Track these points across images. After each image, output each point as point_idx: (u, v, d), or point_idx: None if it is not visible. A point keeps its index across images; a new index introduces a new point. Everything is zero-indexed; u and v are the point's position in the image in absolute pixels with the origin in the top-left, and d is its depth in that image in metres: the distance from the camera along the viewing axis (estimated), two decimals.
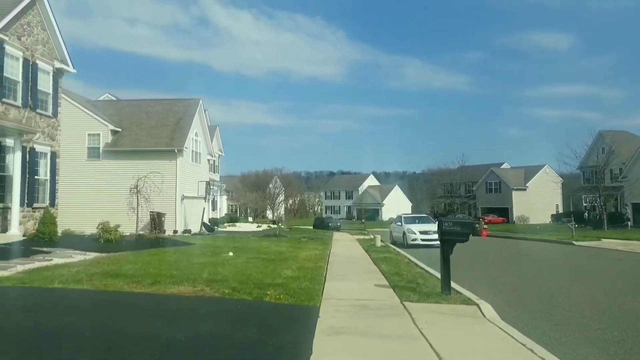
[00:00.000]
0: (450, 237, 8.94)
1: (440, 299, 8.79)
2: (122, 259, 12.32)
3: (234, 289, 8.52)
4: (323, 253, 16.79)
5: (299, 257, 14.86)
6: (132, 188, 20.15)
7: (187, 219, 30.10)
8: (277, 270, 11.37)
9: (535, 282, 12.24)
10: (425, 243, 22.89)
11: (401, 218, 25.78)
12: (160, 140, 29.18)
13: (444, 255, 9.08)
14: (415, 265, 14.19)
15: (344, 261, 14.87)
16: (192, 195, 30.12)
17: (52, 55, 18.47)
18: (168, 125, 30.20)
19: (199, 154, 32.79)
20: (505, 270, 15.39)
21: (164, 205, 28.26)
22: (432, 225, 24.10)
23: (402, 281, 10.79)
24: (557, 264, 17.87)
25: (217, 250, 15.70)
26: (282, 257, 14.78)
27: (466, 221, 9.14)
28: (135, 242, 16.72)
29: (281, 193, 61.26)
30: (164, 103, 32.38)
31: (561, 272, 15.31)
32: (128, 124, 30.37)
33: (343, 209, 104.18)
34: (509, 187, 73.36)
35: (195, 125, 31.76)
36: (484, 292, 10.19)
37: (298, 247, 19.04)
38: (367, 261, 15.09)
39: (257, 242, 20.64)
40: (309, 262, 13.69)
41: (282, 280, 9.80)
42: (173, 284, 8.75)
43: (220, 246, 17.76)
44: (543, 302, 9.55)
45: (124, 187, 27.24)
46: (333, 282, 10.37)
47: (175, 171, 28.58)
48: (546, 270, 15.80)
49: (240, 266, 11.86)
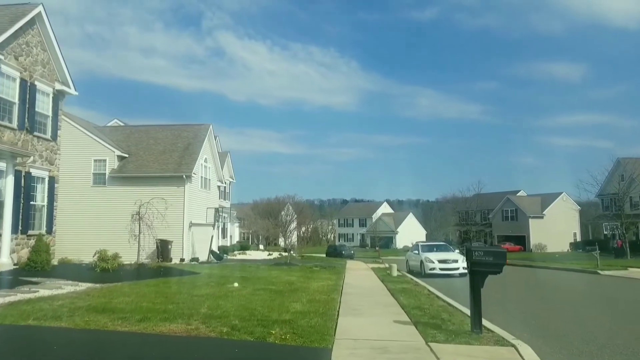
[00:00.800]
0: (482, 268, 7.81)
1: (471, 338, 7.61)
2: (115, 290, 11.29)
3: (233, 327, 7.44)
4: (336, 283, 15.62)
5: (310, 288, 13.71)
6: (134, 214, 19.21)
7: (195, 246, 29.09)
8: (285, 304, 10.26)
9: (571, 317, 10.96)
10: (444, 272, 21.60)
11: (418, 246, 24.52)
12: (168, 166, 28.46)
13: (474, 289, 7.93)
14: (437, 298, 12.99)
15: (359, 293, 13.69)
16: (201, 223, 29.19)
17: (53, 76, 17.83)
18: (176, 151, 29.51)
19: (209, 180, 32.00)
20: (533, 302, 14.08)
21: (170, 233, 27.30)
22: (451, 254, 22.89)
23: (425, 316, 9.62)
24: (588, 296, 16.48)
25: (222, 281, 14.62)
26: (291, 288, 13.64)
27: (499, 250, 8.00)
28: (135, 272, 15.70)
29: (293, 220, 60.22)
30: (173, 129, 31.80)
31: (595, 304, 13.96)
32: (135, 149, 29.76)
33: (357, 237, 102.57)
34: (525, 215, 71.67)
35: (205, 151, 31.05)
36: (517, 329, 8.99)
37: (309, 276, 17.89)
38: (384, 293, 13.89)
39: (266, 272, 19.52)
40: (320, 293, 12.55)
41: (290, 316, 8.69)
42: (165, 320, 7.69)
43: (226, 276, 16.67)
44: (586, 341, 8.31)
45: (130, 214, 26.53)
46: (347, 317, 9.22)
47: (183, 197, 27.73)
48: (578, 302, 14.46)
49: (244, 299, 10.76)
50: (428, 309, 10.64)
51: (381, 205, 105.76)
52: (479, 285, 7.93)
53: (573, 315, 11.22)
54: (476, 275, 7.90)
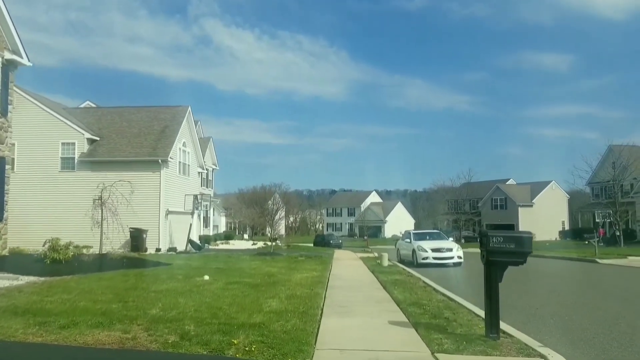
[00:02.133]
0: (501, 257, 6.21)
1: (487, 346, 6.04)
2: (57, 286, 9.56)
3: (184, 334, 5.78)
4: (321, 275, 14.01)
5: (292, 281, 12.08)
6: (96, 200, 17.35)
7: (173, 236, 27.30)
8: (259, 301, 8.62)
9: (592, 314, 9.44)
10: (438, 262, 20.09)
11: (410, 234, 22.94)
12: (143, 149, 26.54)
13: (490, 284, 6.34)
14: (435, 291, 11.44)
15: (347, 286, 12.09)
16: (179, 210, 27.37)
17: (1, 44, 15.76)
18: (152, 134, 27.59)
19: (188, 166, 30.12)
20: (543, 296, 12.57)
21: (146, 221, 25.53)
22: (444, 242, 21.37)
23: (425, 315, 8.05)
24: (598, 287, 15.01)
25: (192, 273, 12.93)
26: (270, 281, 12.01)
27: (523, 235, 6.38)
28: (93, 263, 13.94)
29: (280, 209, 58.50)
30: (149, 110, 29.81)
31: (612, 297, 12.47)
32: (107, 132, 27.78)
33: (345, 226, 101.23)
34: (515, 204, 70.71)
35: (183, 134, 29.16)
36: (535, 330, 7.48)
37: (293, 267, 16.26)
38: (375, 285, 12.30)
39: (246, 262, 17.86)
40: (303, 287, 10.92)
41: (262, 318, 7.05)
42: (97, 326, 6.01)
43: (199, 267, 14.98)
44: (622, 346, 6.78)
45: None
46: (333, 318, 7.60)
47: (159, 183, 25.87)
48: (592, 295, 12.95)
49: (211, 295, 9.10)
50: (427, 305, 9.07)
51: (370, 194, 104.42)
52: (497, 279, 6.34)
53: (593, 312, 9.71)
54: (493, 267, 6.30)
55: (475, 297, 11.00)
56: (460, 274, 17.85)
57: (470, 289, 12.93)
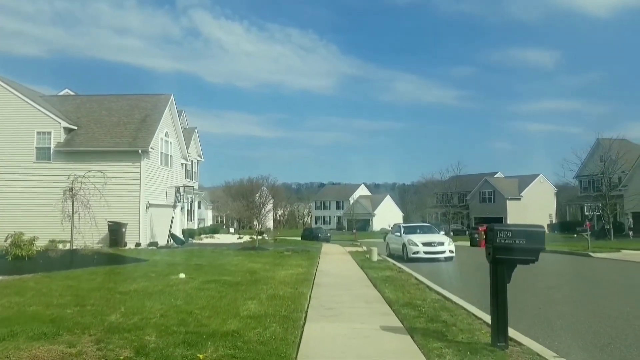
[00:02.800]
0: (510, 255, 5.40)
1: (495, 356, 5.26)
2: (13, 286, 8.62)
3: (141, 348, 4.89)
4: (308, 272, 13.17)
5: (275, 279, 11.22)
6: (66, 191, 16.32)
7: (155, 230, 26.31)
8: (236, 303, 7.76)
9: (599, 312, 8.70)
10: (429, 256, 19.34)
11: (400, 228, 22.14)
12: (123, 139, 25.45)
13: (498, 285, 5.54)
14: (428, 289, 10.65)
15: (335, 283, 11.25)
16: (160, 203, 26.34)
17: None
18: (132, 123, 26.49)
19: (171, 157, 29.07)
20: (542, 293, 11.81)
21: (125, 214, 24.56)
22: (436, 236, 20.63)
23: (421, 318, 7.24)
24: (598, 282, 14.27)
25: (167, 270, 12.02)
26: (252, 278, 11.13)
27: (534, 230, 5.54)
28: (60, 260, 12.95)
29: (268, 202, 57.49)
30: (130, 99, 28.66)
31: (615, 294, 11.75)
32: (86, 121, 26.63)
33: (333, 220, 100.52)
34: (503, 197, 70.50)
35: (166, 124, 28.08)
36: (543, 333, 6.74)
37: (277, 263, 15.41)
38: (365, 283, 11.48)
39: (228, 258, 16.97)
40: (286, 286, 10.07)
41: (237, 324, 6.19)
42: (39, 338, 5.11)
43: (177, 263, 14.08)
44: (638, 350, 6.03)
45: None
46: (317, 323, 6.76)
47: (140, 175, 24.84)
48: (593, 291, 12.21)
49: (184, 296, 8.21)
50: (422, 306, 8.27)
51: (358, 187, 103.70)
52: (504, 279, 5.53)
53: (600, 311, 8.97)
54: (500, 266, 5.49)
55: (472, 295, 10.24)
56: (453, 269, 17.13)
57: (465, 286, 12.20)
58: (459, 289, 11.40)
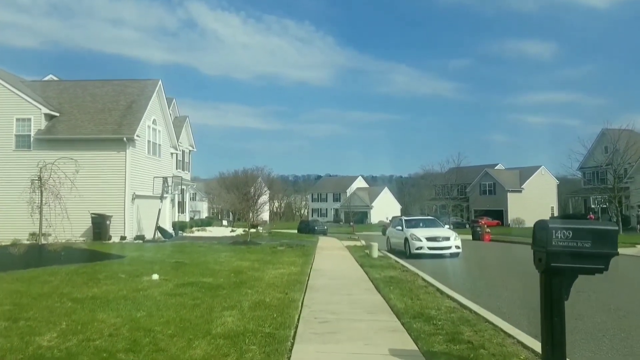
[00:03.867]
0: (571, 262, 3.95)
1: None
2: None
3: None
4: (301, 271, 11.76)
5: (263, 280, 9.81)
6: (35, 180, 14.85)
7: (142, 222, 24.86)
8: (211, 315, 6.33)
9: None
10: (434, 252, 17.95)
11: (402, 221, 20.68)
12: (107, 126, 23.92)
13: (552, 302, 4.10)
14: (440, 293, 9.23)
15: (331, 286, 9.84)
16: (148, 194, 24.85)
17: None
18: (117, 110, 24.94)
19: (159, 146, 27.54)
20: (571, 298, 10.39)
21: (110, 206, 23.12)
22: (440, 230, 19.20)
23: (438, 336, 5.83)
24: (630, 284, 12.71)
25: (143, 269, 10.58)
26: (236, 280, 9.71)
27: (605, 228, 4.09)
28: (22, 257, 11.48)
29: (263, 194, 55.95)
30: (115, 84, 27.07)
31: None
32: (69, 107, 25.06)
33: (330, 212, 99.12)
34: (504, 189, 69.09)
35: (153, 110, 26.53)
36: (592, 356, 5.32)
37: (268, 260, 13.99)
38: (366, 285, 10.06)
39: (215, 254, 15.54)
40: (275, 290, 8.66)
41: (205, 348, 4.77)
42: None
43: (157, 261, 12.64)
44: None
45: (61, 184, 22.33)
46: (309, 344, 5.33)
47: (125, 164, 23.34)
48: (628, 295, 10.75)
49: (149, 305, 6.78)
50: (437, 317, 6.86)
51: (356, 179, 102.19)
52: (561, 295, 4.10)
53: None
54: (557, 278, 4.05)
55: (491, 302, 8.85)
56: (461, 268, 15.74)
57: (480, 289, 10.80)
58: (474, 292, 10.02)
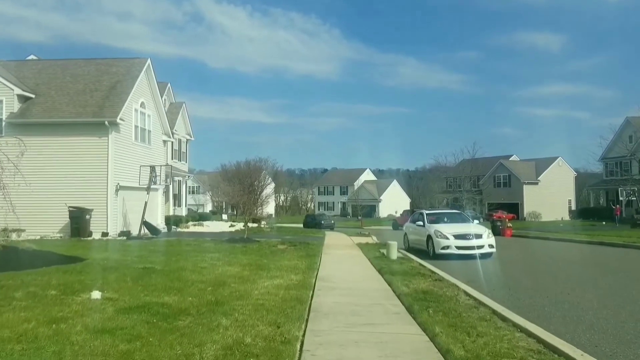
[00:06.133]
0: None
1: None
2: None
3: None
4: (303, 281, 9.00)
5: (249, 299, 7.05)
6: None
7: (129, 216, 22.22)
8: None
9: None
10: (463, 252, 15.12)
11: (423, 215, 17.74)
12: (87, 109, 21.22)
13: None
14: (501, 319, 6.38)
15: (345, 309, 7.06)
16: (134, 186, 22.14)
17: None
18: (100, 91, 22.22)
19: (149, 132, 24.82)
20: None
21: (91, 198, 20.53)
22: (470, 226, 16.29)
23: None
24: None
25: (90, 281, 7.86)
26: (212, 299, 6.95)
27: None
28: None
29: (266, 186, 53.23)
30: (99, 63, 24.33)
31: None
32: (46, 88, 22.38)
33: (337, 206, 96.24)
34: (519, 181, 65.85)
35: (141, 92, 23.80)
36: None
37: (264, 265, 11.25)
38: (392, 306, 7.26)
39: (200, 255, 12.80)
40: (263, 318, 5.89)
41: None
42: None
43: (122, 266, 9.93)
44: None
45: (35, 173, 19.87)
46: None
47: (107, 151, 20.68)
48: None
49: (47, 357, 4.01)
50: None
51: (363, 172, 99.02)
52: None
53: None
54: None
55: (574, 328, 6.08)
56: (502, 272, 12.82)
57: (545, 306, 7.80)
58: (540, 312, 7.19)
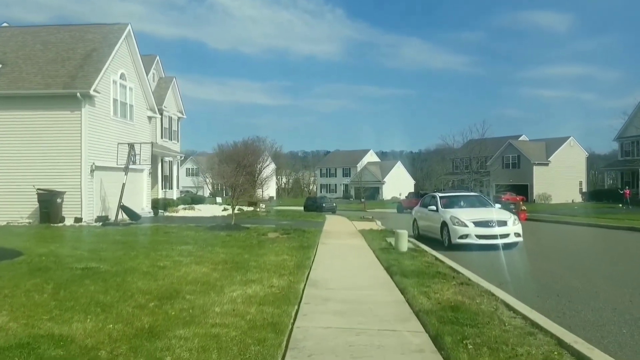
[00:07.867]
0: None
1: None
2: None
3: None
4: (288, 288, 6.81)
5: (204, 324, 4.87)
6: None
7: (108, 200, 20.05)
8: None
9: None
10: (484, 242, 12.89)
11: (436, 199, 15.38)
12: (57, 80, 18.91)
13: None
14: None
15: (340, 342, 4.85)
16: (114, 166, 19.92)
17: None
18: (73, 60, 19.87)
19: (130, 107, 22.49)
20: None
21: (62, 180, 18.38)
22: (492, 212, 13.97)
23: None
24: None
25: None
26: (145, 328, 4.75)
27: None
28: None
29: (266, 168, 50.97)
30: (73, 29, 21.90)
31: None
32: (14, 57, 20.06)
33: (340, 188, 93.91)
34: (529, 162, 63.24)
35: (121, 62, 21.42)
36: None
37: (243, 261, 9.07)
38: (409, 330, 5.03)
39: (169, 248, 10.63)
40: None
41: None
42: None
43: (60, 266, 7.78)
44: None
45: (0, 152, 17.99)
46: None
47: (80, 126, 18.44)
48: None
49: None
50: None
51: (366, 153, 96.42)
52: None
53: None
54: None
55: None
56: (538, 268, 10.52)
57: None
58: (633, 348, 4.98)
